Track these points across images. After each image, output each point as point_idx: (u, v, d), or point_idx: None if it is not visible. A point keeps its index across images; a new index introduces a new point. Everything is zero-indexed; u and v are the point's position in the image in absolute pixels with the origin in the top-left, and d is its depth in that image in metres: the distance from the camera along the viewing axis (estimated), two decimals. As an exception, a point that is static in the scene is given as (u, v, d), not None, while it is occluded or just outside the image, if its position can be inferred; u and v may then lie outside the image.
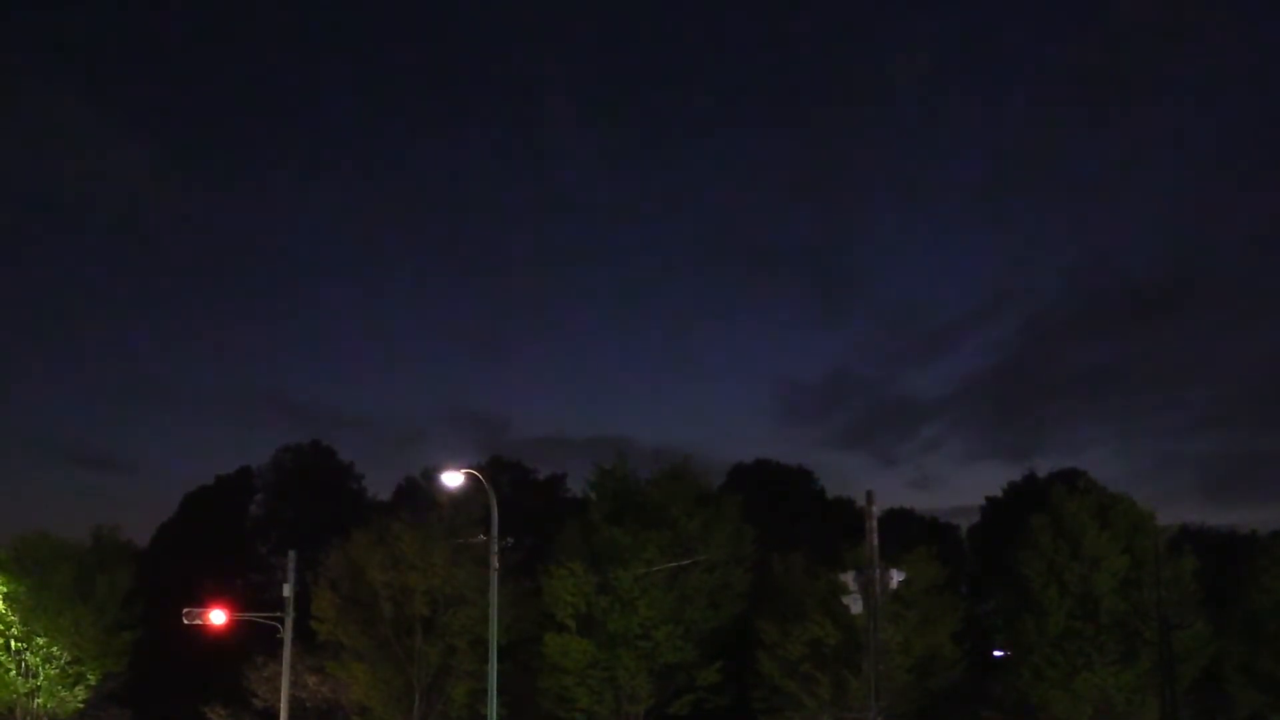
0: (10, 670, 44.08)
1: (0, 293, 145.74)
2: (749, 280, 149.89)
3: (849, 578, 28.99)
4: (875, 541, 28.13)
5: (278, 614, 36.81)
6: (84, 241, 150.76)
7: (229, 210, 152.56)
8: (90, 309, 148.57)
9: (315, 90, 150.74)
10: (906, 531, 55.36)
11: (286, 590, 36.75)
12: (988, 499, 62.44)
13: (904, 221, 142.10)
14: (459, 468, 31.33)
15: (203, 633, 39.87)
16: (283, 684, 37.29)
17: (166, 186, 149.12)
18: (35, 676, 44.46)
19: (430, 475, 47.03)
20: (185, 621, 36.79)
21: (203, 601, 39.01)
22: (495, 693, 30.34)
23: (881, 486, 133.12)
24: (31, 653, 44.31)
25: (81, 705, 45.65)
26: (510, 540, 31.49)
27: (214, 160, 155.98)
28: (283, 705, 37.29)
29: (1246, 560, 46.17)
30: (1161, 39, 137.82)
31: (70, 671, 44.95)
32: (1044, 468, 64.62)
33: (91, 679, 45.40)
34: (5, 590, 44.19)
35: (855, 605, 28.86)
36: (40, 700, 44.45)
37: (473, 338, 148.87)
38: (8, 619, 44.11)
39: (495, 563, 30.62)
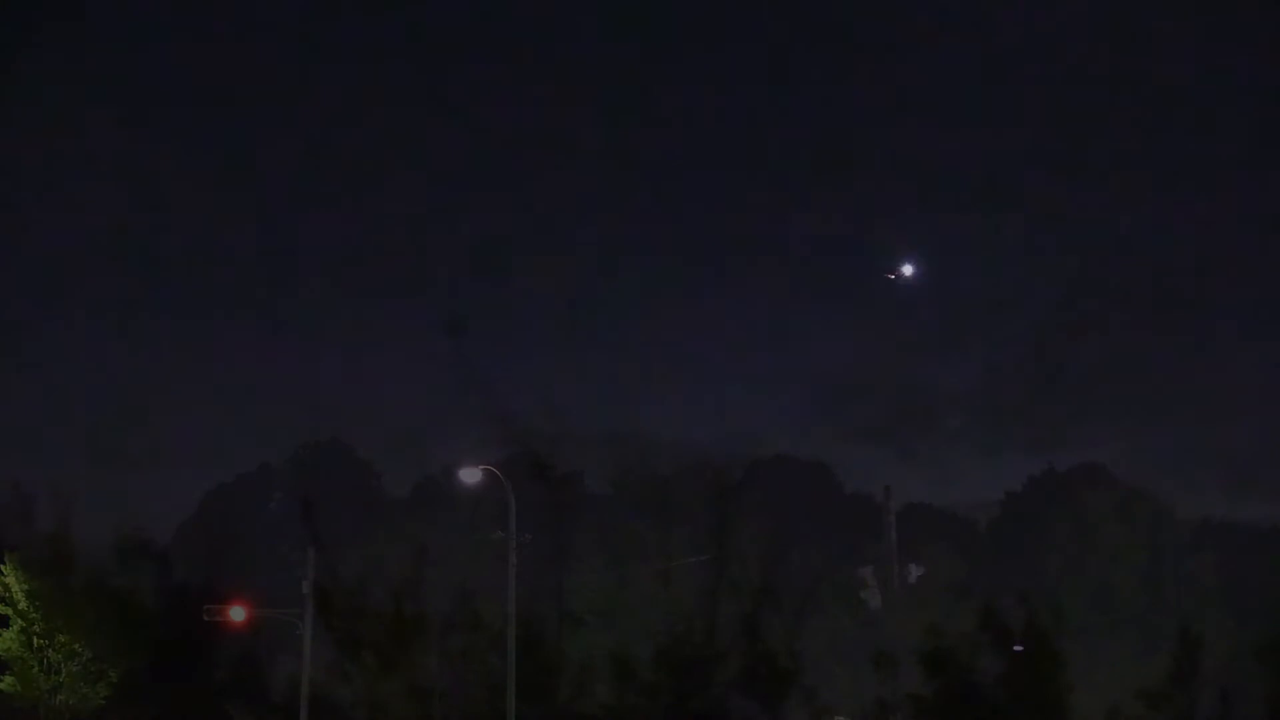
0: (33, 667, 44.27)
1: (19, 290, 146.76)
2: (767, 275, 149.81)
3: (867, 572, 29.03)
4: (893, 536, 28.10)
5: (297, 610, 36.93)
6: (102, 238, 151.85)
7: (246, 208, 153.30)
8: (110, 306, 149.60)
9: (325, 90, 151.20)
10: (925, 526, 55.19)
11: (306, 587, 36.88)
12: (1007, 493, 62.07)
13: (923, 215, 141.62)
14: (477, 465, 31.36)
15: (223, 629, 40.03)
16: (302, 680, 37.42)
17: (184, 184, 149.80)
18: (58, 673, 44.65)
19: (448, 472, 47.08)
20: (205, 618, 36.97)
21: (223, 598, 39.17)
22: (514, 688, 30.36)
23: (901, 481, 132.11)
24: (54, 650, 44.51)
25: (103, 702, 45.77)
26: (528, 536, 31.52)
27: (228, 158, 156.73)
28: (302, 702, 37.41)
29: (1270, 553, 45.82)
30: (1173, 36, 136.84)
31: (92, 668, 45.14)
32: (1064, 462, 63.86)
33: (113, 676, 45.59)
34: (28, 587, 44.45)
35: (873, 599, 28.80)
36: (62, 697, 44.62)
37: (491, 335, 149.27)
38: (30, 616, 44.35)
39: (514, 558, 30.66)
